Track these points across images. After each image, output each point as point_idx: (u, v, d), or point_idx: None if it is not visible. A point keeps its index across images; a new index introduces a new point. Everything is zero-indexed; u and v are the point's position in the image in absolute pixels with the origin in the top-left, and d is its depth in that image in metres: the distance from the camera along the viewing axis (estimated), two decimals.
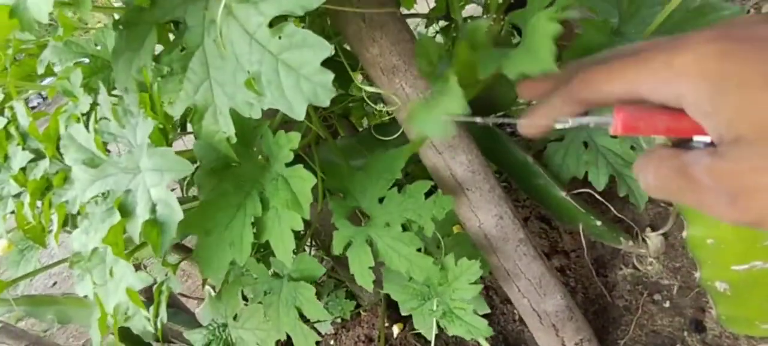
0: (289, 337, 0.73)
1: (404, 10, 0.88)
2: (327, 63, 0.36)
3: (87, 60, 0.75)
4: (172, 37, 0.46)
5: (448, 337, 0.98)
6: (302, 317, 0.67)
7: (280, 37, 0.36)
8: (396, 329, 1.05)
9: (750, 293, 0.66)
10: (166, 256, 1.18)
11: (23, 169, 0.79)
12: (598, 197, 0.81)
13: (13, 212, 0.82)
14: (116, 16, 0.50)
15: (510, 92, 0.67)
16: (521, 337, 0.93)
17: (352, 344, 1.09)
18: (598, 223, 0.78)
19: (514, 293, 0.71)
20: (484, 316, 0.63)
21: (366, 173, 0.63)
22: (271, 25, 0.36)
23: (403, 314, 0.80)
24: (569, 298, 0.72)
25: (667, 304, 0.80)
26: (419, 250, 0.58)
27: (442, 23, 0.85)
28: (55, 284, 2.43)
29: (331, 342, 1.12)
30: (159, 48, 0.46)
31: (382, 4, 0.55)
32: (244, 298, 0.84)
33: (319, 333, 1.16)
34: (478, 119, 0.33)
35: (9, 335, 1.26)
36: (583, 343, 0.74)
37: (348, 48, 0.63)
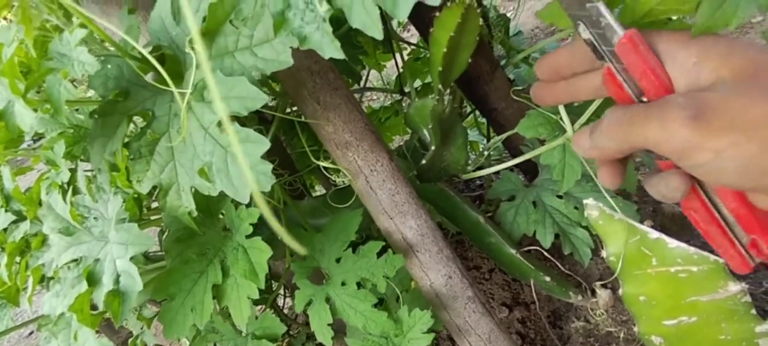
0: None
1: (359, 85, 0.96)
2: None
3: (71, 130, 0.81)
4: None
5: None
6: None
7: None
8: None
9: None
10: (142, 309, 1.20)
11: (4, 230, 0.83)
12: (546, 254, 0.86)
13: None
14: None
15: (460, 157, 0.74)
16: None
17: None
18: (548, 279, 0.84)
19: None
20: None
21: (325, 234, 0.69)
22: (219, 123, 0.42)
23: None
24: None
25: None
26: (375, 305, 0.63)
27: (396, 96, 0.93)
28: (31, 333, 2.38)
29: None
30: None
31: (335, 90, 0.62)
32: None
33: None
34: None
35: None
36: None
37: None
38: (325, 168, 0.66)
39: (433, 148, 0.68)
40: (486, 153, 0.86)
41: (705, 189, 0.32)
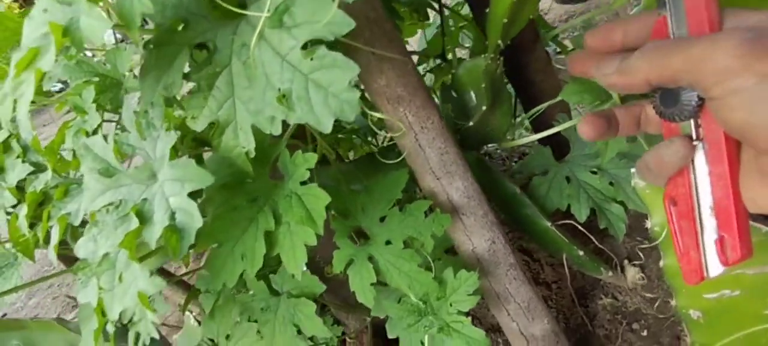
0: None
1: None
2: None
3: (96, 79, 0.78)
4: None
5: None
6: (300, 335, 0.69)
7: (311, 59, 0.40)
8: None
9: (720, 320, 0.71)
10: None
11: (21, 181, 0.79)
12: (580, 228, 0.86)
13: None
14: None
15: (504, 123, 0.72)
16: None
17: None
18: (581, 253, 0.83)
19: (504, 317, 0.74)
20: None
21: (368, 194, 0.67)
22: (304, 48, 0.40)
23: (390, 337, 0.81)
24: (555, 323, 0.76)
25: (645, 333, 0.84)
26: (419, 266, 0.61)
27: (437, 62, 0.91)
28: (4, 315, 2.30)
29: None
30: None
31: (391, 41, 0.60)
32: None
33: None
34: None
35: None
36: None
37: None
38: (374, 124, 0.64)
39: (483, 108, 0.66)
40: (525, 123, 0.84)
41: (696, 173, 0.32)
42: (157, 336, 0.51)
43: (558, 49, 1.06)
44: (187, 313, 1.45)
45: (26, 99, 0.39)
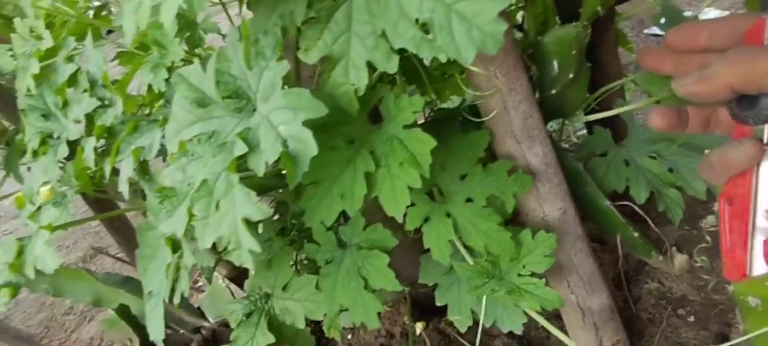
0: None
1: None
2: None
3: None
4: None
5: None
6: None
7: None
8: (419, 327, 1.06)
9: None
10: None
11: (88, 115, 0.78)
12: (629, 212, 0.86)
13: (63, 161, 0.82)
14: None
15: (579, 97, 0.73)
16: (545, 344, 0.96)
17: (371, 339, 1.09)
18: (636, 235, 0.84)
19: (563, 289, 0.75)
20: None
21: (447, 151, 0.67)
22: None
23: (439, 304, 0.81)
24: (611, 299, 0.76)
25: (691, 319, 0.85)
26: (499, 225, 0.61)
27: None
28: None
29: (349, 336, 1.13)
30: None
31: None
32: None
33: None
34: None
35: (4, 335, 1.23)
36: (619, 345, 0.78)
37: None
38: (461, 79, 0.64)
39: (570, 76, 0.66)
40: (589, 105, 0.85)
41: (759, 176, 0.32)
42: (251, 267, 0.51)
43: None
44: (215, 273, 1.44)
45: (171, 4, 0.39)
